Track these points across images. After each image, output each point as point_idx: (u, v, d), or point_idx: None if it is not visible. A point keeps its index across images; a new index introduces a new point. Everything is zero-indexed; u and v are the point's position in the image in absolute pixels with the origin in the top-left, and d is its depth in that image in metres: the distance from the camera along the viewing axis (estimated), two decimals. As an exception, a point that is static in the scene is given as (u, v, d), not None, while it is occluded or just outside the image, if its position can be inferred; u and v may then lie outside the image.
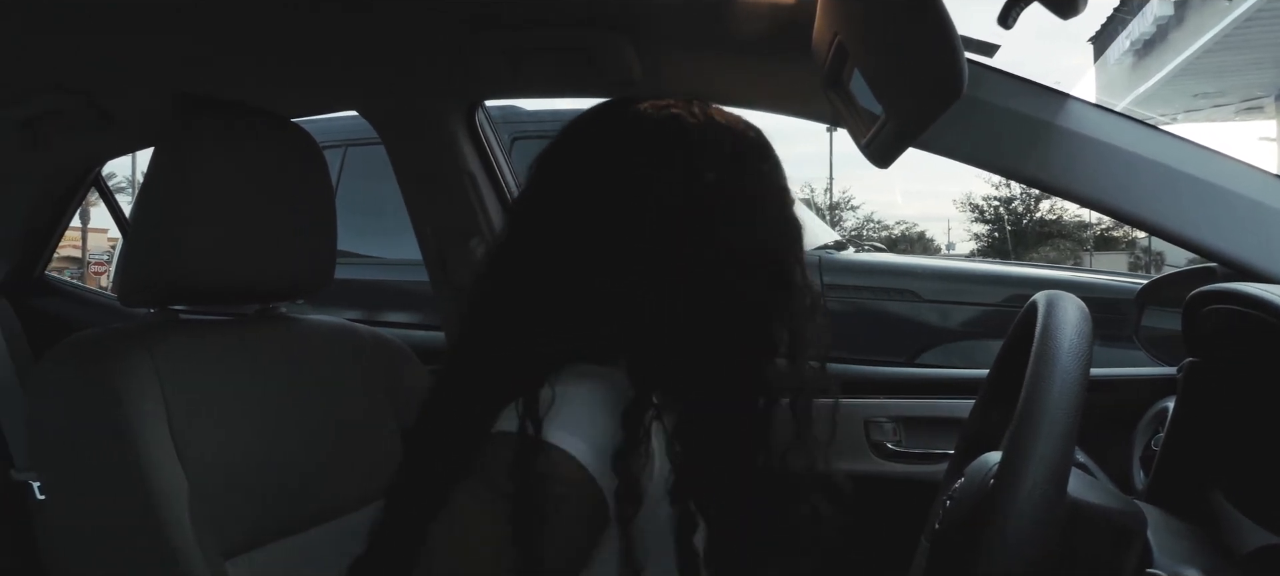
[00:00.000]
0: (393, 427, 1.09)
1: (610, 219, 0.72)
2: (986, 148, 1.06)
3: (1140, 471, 1.08)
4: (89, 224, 17.44)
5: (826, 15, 0.89)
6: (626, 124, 0.76)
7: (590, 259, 0.71)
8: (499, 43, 1.21)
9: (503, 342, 0.72)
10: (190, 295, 0.99)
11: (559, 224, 0.74)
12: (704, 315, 0.70)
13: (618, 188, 0.73)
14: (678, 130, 0.74)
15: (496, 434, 0.67)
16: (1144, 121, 1.02)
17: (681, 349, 0.70)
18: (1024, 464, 0.54)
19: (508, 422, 0.67)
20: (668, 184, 0.72)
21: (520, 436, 0.65)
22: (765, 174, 0.78)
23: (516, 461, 0.64)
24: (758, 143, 0.78)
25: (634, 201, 0.72)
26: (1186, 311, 0.83)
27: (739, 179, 0.74)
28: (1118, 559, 0.59)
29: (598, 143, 0.77)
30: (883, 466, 1.40)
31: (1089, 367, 0.58)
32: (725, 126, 0.77)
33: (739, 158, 0.75)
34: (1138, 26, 9.36)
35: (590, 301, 0.71)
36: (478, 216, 1.55)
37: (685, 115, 0.76)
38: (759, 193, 0.76)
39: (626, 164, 0.73)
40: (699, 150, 0.74)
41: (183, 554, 0.82)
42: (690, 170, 0.72)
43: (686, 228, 0.71)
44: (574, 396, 0.67)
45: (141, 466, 0.82)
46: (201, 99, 0.99)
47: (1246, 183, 0.96)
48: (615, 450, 0.66)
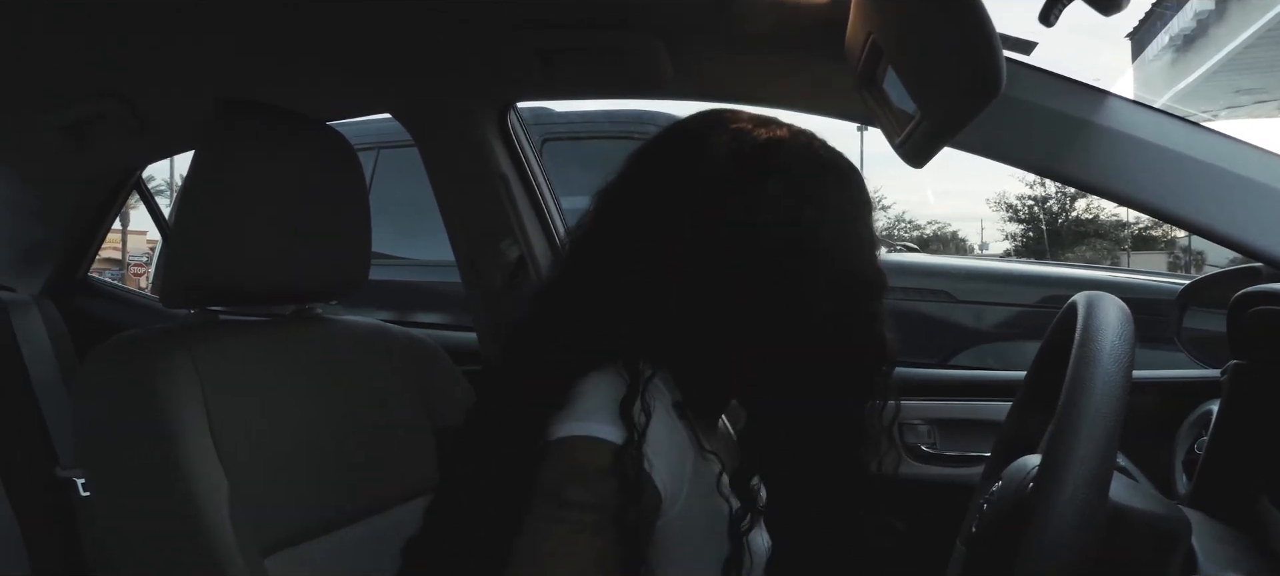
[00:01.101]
0: (426, 427, 1.11)
1: (695, 234, 0.71)
2: (1023, 146, 1.04)
3: (1183, 476, 1.06)
4: (128, 226, 17.85)
5: (860, 14, 0.89)
6: (728, 139, 0.74)
7: (669, 269, 0.71)
8: (532, 44, 1.22)
9: (565, 338, 0.72)
10: (229, 296, 1.01)
11: (643, 226, 0.73)
12: (785, 346, 0.71)
13: (707, 206, 0.71)
14: (778, 156, 0.73)
15: (563, 440, 0.66)
16: (1185, 118, 1.00)
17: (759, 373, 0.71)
18: (1065, 468, 0.53)
19: (573, 425, 0.66)
20: (761, 211, 0.71)
21: (618, 450, 0.65)
22: (860, 216, 0.77)
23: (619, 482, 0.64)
24: (855, 182, 0.77)
25: (723, 223, 0.71)
26: (1232, 312, 0.81)
27: (834, 217, 0.74)
28: (1162, 564, 0.58)
29: (695, 152, 0.74)
30: (917, 469, 1.39)
31: (1131, 371, 0.57)
32: (826, 159, 0.75)
33: (837, 195, 0.75)
34: (1178, 22, 9.16)
35: (662, 310, 0.70)
36: (509, 218, 1.56)
37: (789, 140, 0.75)
38: (851, 233, 0.75)
39: (720, 183, 0.72)
40: (797, 181, 0.73)
41: (222, 551, 0.83)
42: (786, 201, 0.71)
43: (772, 257, 0.71)
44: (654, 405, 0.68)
45: (181, 464, 0.84)
46: (241, 103, 1.01)
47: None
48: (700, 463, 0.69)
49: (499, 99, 1.53)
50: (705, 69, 1.29)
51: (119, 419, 0.87)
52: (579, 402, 0.67)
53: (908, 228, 24.86)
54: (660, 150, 0.77)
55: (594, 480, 0.64)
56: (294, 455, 0.95)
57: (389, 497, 1.03)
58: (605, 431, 0.65)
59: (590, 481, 0.64)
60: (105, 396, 0.89)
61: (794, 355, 0.70)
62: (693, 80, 1.30)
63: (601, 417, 0.66)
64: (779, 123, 0.76)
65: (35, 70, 1.28)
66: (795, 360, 0.71)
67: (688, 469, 0.70)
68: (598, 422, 0.66)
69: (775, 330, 0.70)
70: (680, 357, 0.73)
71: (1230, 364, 0.84)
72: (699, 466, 0.72)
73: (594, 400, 0.67)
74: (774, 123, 0.76)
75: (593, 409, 0.66)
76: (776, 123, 0.76)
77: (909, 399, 1.42)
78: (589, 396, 0.67)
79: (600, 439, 0.65)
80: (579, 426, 0.66)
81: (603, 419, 0.66)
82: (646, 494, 0.66)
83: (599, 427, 0.66)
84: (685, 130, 0.77)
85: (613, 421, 0.66)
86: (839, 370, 0.73)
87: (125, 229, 18.05)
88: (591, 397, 0.67)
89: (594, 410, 0.66)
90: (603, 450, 0.65)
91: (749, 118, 0.76)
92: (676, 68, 1.23)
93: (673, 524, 0.69)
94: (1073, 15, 0.88)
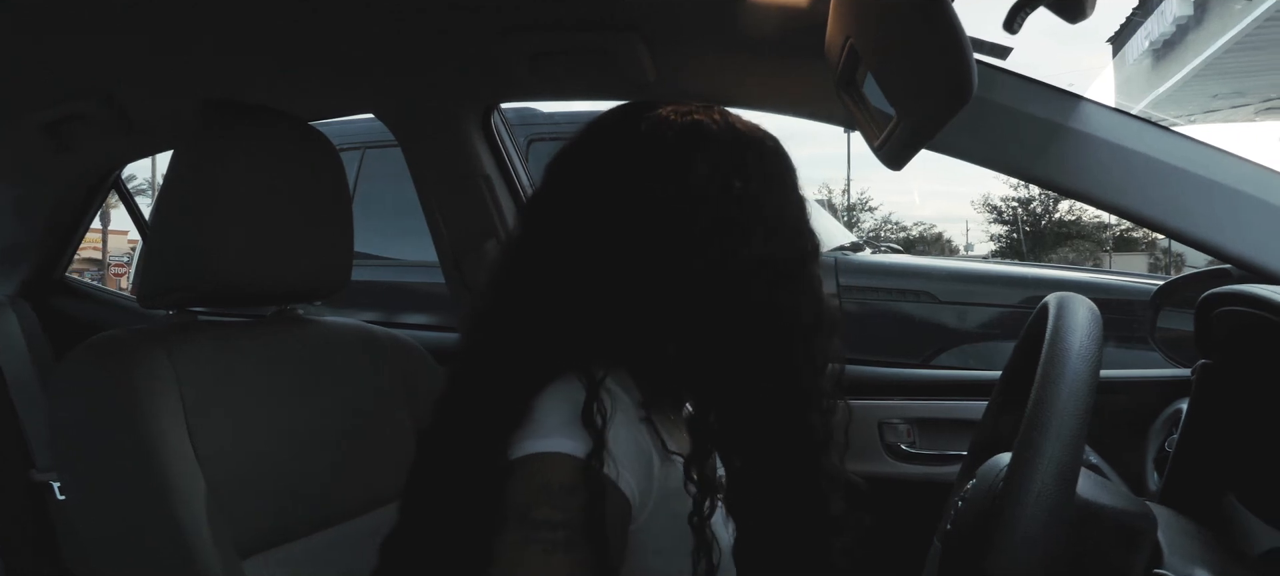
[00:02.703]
0: (409, 429, 1.11)
1: (629, 226, 0.71)
2: (999, 149, 1.05)
3: (1154, 473, 1.08)
4: (109, 226, 17.66)
5: (839, 18, 0.89)
6: (648, 128, 0.75)
7: (608, 266, 0.71)
8: (515, 46, 1.22)
9: (514, 352, 0.72)
10: (209, 297, 1.01)
11: (575, 228, 0.73)
12: (727, 322, 0.70)
13: (639, 194, 0.72)
14: (701, 136, 0.74)
15: (527, 458, 0.66)
16: (1156, 122, 1.02)
17: (706, 354, 0.70)
18: (1033, 465, 0.54)
19: (534, 442, 0.66)
20: (692, 191, 0.71)
21: (583, 464, 0.65)
22: (787, 183, 0.77)
23: (587, 499, 0.64)
24: (777, 151, 0.78)
25: (656, 208, 0.71)
26: (1198, 313, 0.83)
27: (762, 188, 0.74)
28: (1127, 559, 0.59)
29: (618, 147, 0.75)
30: (897, 467, 1.40)
31: (1098, 369, 0.58)
32: (747, 134, 0.76)
33: (761, 166, 0.75)
34: (1156, 26, 9.27)
35: (606, 308, 0.71)
36: (493, 218, 1.56)
37: (708, 121, 0.75)
38: (781, 201, 0.76)
39: (648, 170, 0.72)
40: (723, 157, 0.73)
41: (200, 553, 0.83)
42: (715, 178, 0.72)
43: (709, 235, 0.71)
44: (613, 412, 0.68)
45: (159, 466, 0.83)
46: (224, 103, 1.01)
47: (1260, 184, 0.96)
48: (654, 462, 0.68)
49: (483, 100, 1.53)
50: (689, 71, 1.29)
51: (95, 420, 0.87)
52: (538, 418, 0.67)
53: (894, 229, 25.01)
54: (582, 150, 0.77)
55: (561, 497, 0.63)
56: (274, 456, 0.94)
57: (370, 499, 1.03)
58: (567, 445, 0.65)
59: (557, 498, 0.63)
60: (82, 397, 0.88)
61: (737, 330, 0.70)
62: (676, 82, 1.30)
63: (563, 432, 0.66)
64: (696, 105, 0.77)
65: (14, 69, 1.27)
66: (738, 335, 0.70)
67: (655, 471, 0.70)
68: (559, 437, 0.65)
69: (715, 307, 0.70)
70: (633, 354, 0.73)
71: (1199, 363, 0.86)
72: (665, 466, 0.72)
73: (553, 415, 0.67)
74: (691, 106, 0.77)
75: (553, 424, 0.66)
76: (693, 106, 0.77)
77: (889, 399, 1.45)
78: (548, 411, 0.67)
79: (563, 454, 0.65)
80: (541, 443, 0.66)
81: (564, 433, 0.66)
82: (615, 503, 0.66)
83: (561, 442, 0.65)
84: (604, 126, 0.78)
85: (574, 434, 0.66)
86: (781, 340, 0.72)
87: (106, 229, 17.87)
88: (551, 412, 0.67)
89: (555, 426, 0.66)
90: (567, 465, 0.64)
91: (667, 105, 0.77)
92: (660, 70, 1.24)
93: (644, 528, 0.70)
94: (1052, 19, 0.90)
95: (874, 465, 1.40)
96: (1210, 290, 0.80)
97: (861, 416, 1.42)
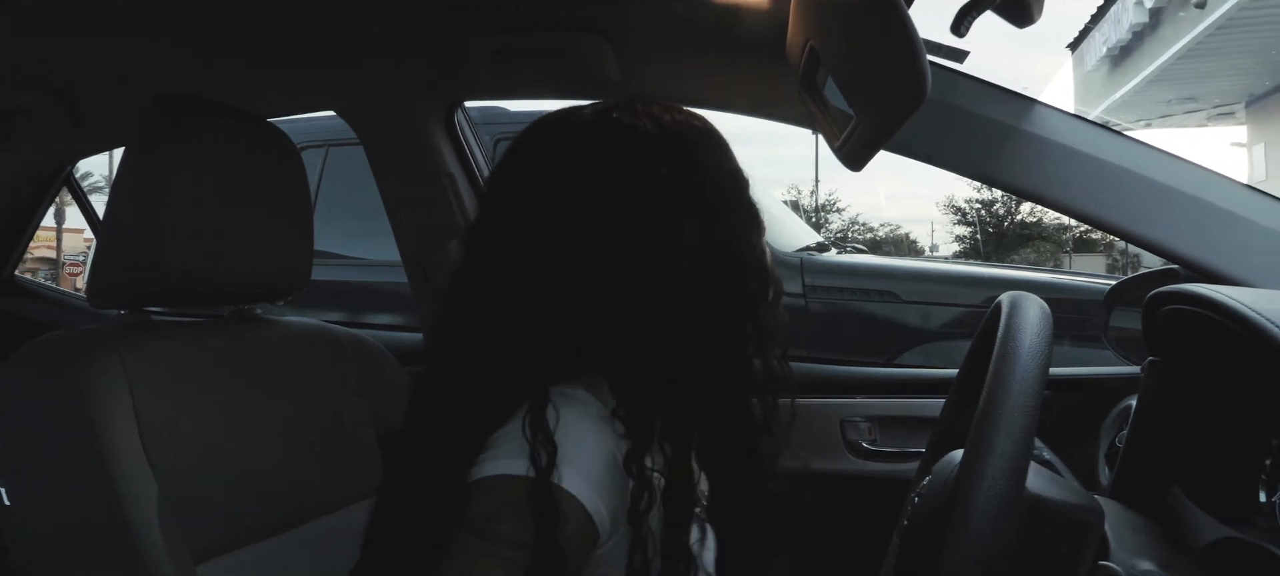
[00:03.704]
0: (370, 430, 1.09)
1: (561, 231, 0.70)
2: (958, 151, 1.07)
3: (1105, 468, 1.10)
4: (64, 224, 17.21)
5: (799, 21, 0.90)
6: (567, 133, 0.75)
7: (545, 274, 0.70)
8: (480, 45, 1.22)
9: (471, 370, 0.71)
10: (162, 296, 0.99)
11: (512, 243, 0.72)
12: (672, 315, 0.70)
13: (565, 199, 0.71)
14: (620, 133, 0.73)
15: (487, 480, 0.65)
16: (1109, 126, 1.05)
17: (653, 353, 0.69)
18: (985, 461, 0.55)
19: (497, 464, 0.66)
20: (616, 188, 0.70)
21: (533, 484, 0.64)
22: (716, 162, 0.76)
23: (535, 514, 0.63)
24: (705, 131, 0.76)
25: (585, 210, 0.70)
26: (1145, 312, 0.85)
27: (688, 172, 0.72)
28: (1075, 552, 0.60)
29: (541, 156, 0.75)
30: (859, 465, 1.42)
31: (1048, 367, 0.60)
32: (671, 122, 0.75)
33: (687, 151, 0.74)
34: (1114, 33, 9.49)
35: (561, 319, 0.70)
36: (457, 217, 1.55)
37: (625, 117, 0.74)
38: (711, 183, 0.74)
39: (571, 174, 0.72)
40: (646, 149, 0.72)
41: (151, 559, 0.81)
42: (640, 170, 0.71)
43: (641, 229, 0.70)
44: (566, 426, 0.67)
45: (109, 471, 0.81)
46: (179, 98, 0.99)
47: (1206, 187, 0.99)
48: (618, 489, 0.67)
49: (446, 98, 1.52)
50: (653, 70, 1.30)
51: (42, 423, 0.84)
52: (504, 438, 0.67)
53: (862, 230, 25.27)
54: (512, 166, 0.77)
55: (521, 516, 0.63)
56: (229, 459, 0.93)
57: (330, 502, 1.01)
58: (529, 467, 0.65)
59: (518, 517, 0.63)
60: (28, 400, 0.86)
61: (686, 318, 0.69)
62: (641, 82, 1.31)
63: (527, 453, 0.65)
64: (618, 102, 0.76)
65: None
66: (690, 323, 0.69)
67: (626, 494, 0.68)
68: (524, 458, 0.65)
69: (662, 299, 0.69)
70: (605, 362, 0.72)
71: (1147, 360, 0.88)
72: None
73: (518, 437, 0.66)
74: (612, 103, 0.75)
75: (517, 445, 0.66)
76: (614, 103, 0.75)
77: (851, 397, 1.46)
78: (513, 431, 0.67)
79: (525, 477, 0.64)
80: (505, 464, 0.65)
81: (528, 453, 0.65)
82: (580, 524, 0.65)
83: (524, 464, 0.65)
84: (523, 147, 0.77)
85: (569, 464, 0.65)
86: (728, 316, 0.71)
87: (60, 227, 17.40)
88: (516, 433, 0.66)
89: (519, 447, 0.65)
90: (529, 486, 0.64)
91: (587, 110, 0.76)
92: (624, 69, 1.24)
93: (614, 551, 0.68)
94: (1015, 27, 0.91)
95: (836, 463, 1.41)
96: (1156, 289, 0.82)
97: (824, 414, 1.43)
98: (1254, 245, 0.95)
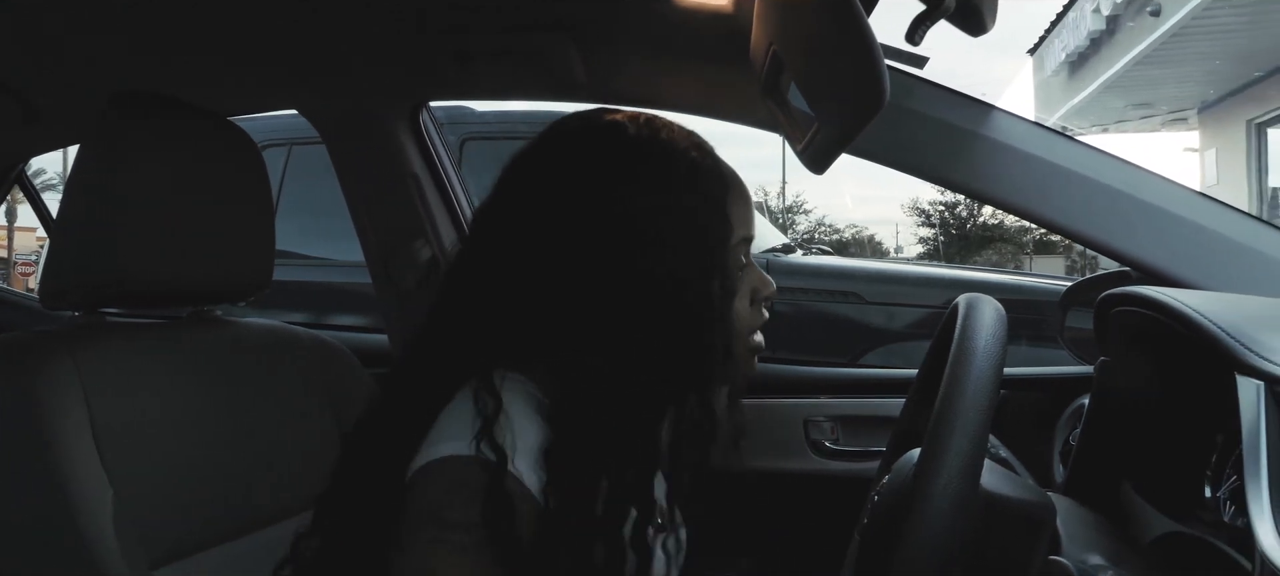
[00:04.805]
0: (332, 433, 1.08)
1: (567, 232, 0.71)
2: (917, 155, 1.09)
3: (1060, 465, 1.13)
4: (16, 222, 16.74)
5: (762, 25, 0.91)
6: (608, 137, 0.75)
7: (541, 270, 0.71)
8: (445, 45, 1.21)
9: (448, 349, 0.72)
10: (118, 297, 0.97)
11: (525, 238, 0.73)
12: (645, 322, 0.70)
13: (576, 202, 0.71)
14: (637, 148, 0.73)
15: (433, 463, 0.65)
16: (1064, 132, 1.08)
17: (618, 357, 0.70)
18: (941, 460, 0.57)
19: (441, 447, 0.66)
20: (622, 200, 0.71)
21: (486, 465, 0.64)
22: (715, 194, 0.76)
23: (488, 495, 0.63)
24: (719, 168, 0.77)
25: (592, 215, 0.71)
26: (1097, 313, 0.87)
27: (690, 197, 0.73)
28: (1028, 548, 0.62)
29: (562, 156, 0.75)
30: (822, 464, 1.43)
31: (1002, 367, 0.61)
32: (682, 146, 0.75)
33: (692, 176, 0.74)
34: (1073, 39, 9.69)
35: (540, 312, 0.71)
36: (421, 218, 1.54)
37: (641, 132, 0.75)
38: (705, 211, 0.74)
39: (582, 180, 0.72)
40: (659, 167, 0.73)
41: (105, 565, 0.79)
42: (648, 186, 0.72)
43: (639, 241, 0.70)
44: (512, 412, 0.67)
45: (62, 476, 0.80)
46: (136, 95, 0.97)
47: (1156, 192, 1.02)
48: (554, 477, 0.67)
49: (411, 98, 1.51)
50: (619, 73, 1.30)
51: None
52: (450, 422, 0.67)
53: (828, 231, 25.52)
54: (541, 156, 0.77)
55: (471, 500, 0.63)
56: (187, 463, 0.91)
57: (291, 505, 1.00)
58: (476, 449, 0.65)
59: (468, 501, 0.63)
60: None
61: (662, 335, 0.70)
62: (607, 84, 1.31)
63: (474, 437, 0.65)
64: (630, 117, 0.76)
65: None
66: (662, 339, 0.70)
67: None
68: (471, 442, 0.65)
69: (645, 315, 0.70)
70: (559, 359, 0.71)
71: (1099, 360, 0.91)
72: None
73: (465, 420, 0.66)
74: (623, 117, 0.76)
75: (462, 429, 0.66)
76: (626, 116, 0.76)
77: (815, 397, 1.48)
78: (458, 415, 0.67)
79: (473, 458, 0.64)
80: (452, 446, 0.65)
81: (476, 437, 0.65)
82: (528, 510, 0.65)
83: (472, 446, 0.65)
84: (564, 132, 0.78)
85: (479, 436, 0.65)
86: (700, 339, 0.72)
87: (12, 226, 16.91)
88: (460, 416, 0.67)
89: (465, 430, 0.66)
90: (476, 469, 0.64)
91: (601, 117, 0.77)
92: (590, 72, 1.24)
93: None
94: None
95: (799, 462, 1.43)
96: (1107, 291, 0.85)
97: (788, 415, 1.45)
98: (1204, 249, 0.99)
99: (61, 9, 1.06)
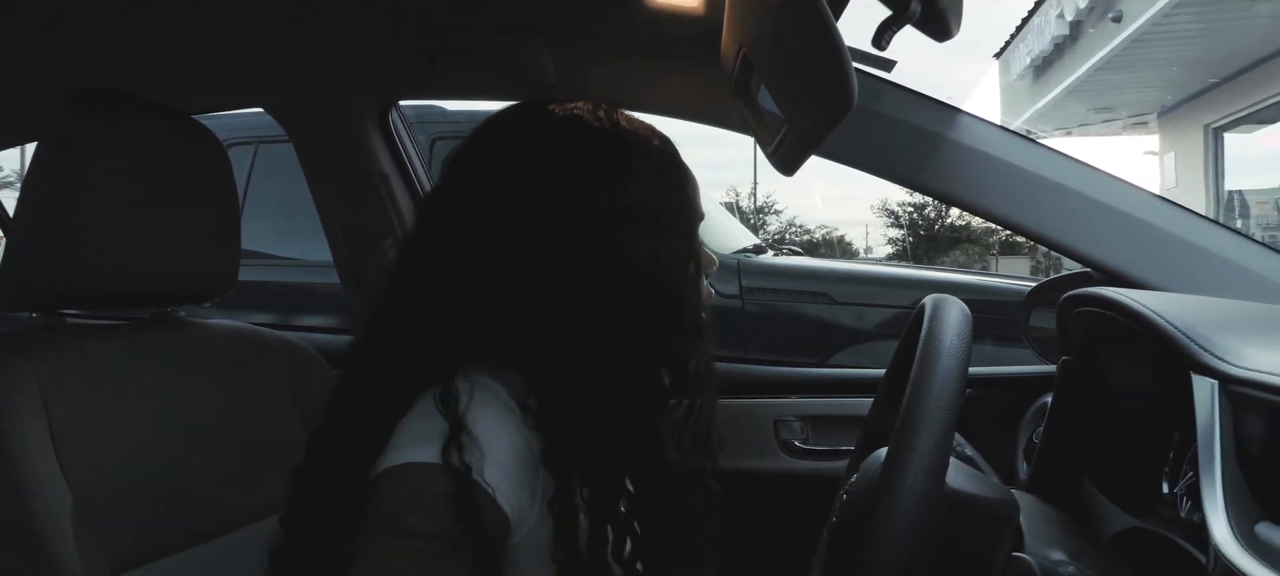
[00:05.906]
0: (298, 435, 1.06)
1: (521, 223, 0.70)
2: (884, 157, 1.11)
3: (1024, 462, 1.15)
4: (-30, 222, 16.28)
5: (732, 27, 0.92)
6: (543, 129, 0.74)
7: (495, 263, 0.70)
8: (415, 44, 1.20)
9: (386, 359, 0.71)
10: (78, 298, 0.94)
11: (467, 227, 0.72)
12: (609, 324, 0.70)
13: (529, 194, 0.71)
14: (591, 138, 0.73)
15: (392, 470, 0.64)
16: (1026, 135, 1.10)
17: (584, 355, 0.69)
18: (907, 458, 0.57)
19: (402, 453, 0.65)
20: (579, 191, 0.71)
21: (450, 472, 0.63)
22: (684, 183, 0.77)
23: (451, 503, 0.62)
24: (671, 154, 0.78)
25: (547, 206, 0.70)
26: (1059, 313, 0.89)
27: (650, 188, 0.74)
28: (992, 544, 0.63)
29: (513, 147, 0.74)
30: (791, 463, 1.45)
31: (967, 366, 0.62)
32: (639, 136, 0.75)
33: (651, 166, 0.75)
34: (1037, 44, 9.85)
35: (496, 308, 0.70)
36: (391, 218, 1.52)
37: (595, 122, 0.74)
38: (667, 200, 0.75)
39: (536, 171, 0.72)
40: (614, 157, 0.73)
41: (64, 570, 0.77)
42: (612, 181, 0.71)
43: (598, 235, 0.70)
44: (474, 415, 0.66)
45: (19, 481, 0.78)
46: (95, 92, 0.95)
47: (1118, 195, 1.04)
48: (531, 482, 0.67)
49: (379, 97, 1.49)
50: (589, 73, 1.30)
51: None
52: (409, 427, 0.66)
53: (799, 232, 25.69)
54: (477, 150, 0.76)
55: (431, 506, 0.62)
56: (149, 467, 0.89)
57: (257, 509, 0.98)
58: (436, 454, 0.64)
59: (427, 507, 0.62)
60: None
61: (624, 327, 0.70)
62: (578, 84, 1.31)
63: (433, 442, 0.64)
64: (587, 107, 0.76)
65: None
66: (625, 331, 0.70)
67: (538, 480, 0.68)
68: (430, 447, 0.64)
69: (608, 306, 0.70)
70: (522, 356, 0.71)
71: (1061, 360, 0.92)
72: (548, 479, 0.69)
73: (424, 425, 0.65)
74: (580, 108, 0.75)
75: (421, 433, 0.65)
76: (582, 107, 0.76)
77: (785, 397, 1.49)
78: (418, 420, 0.66)
79: (432, 464, 0.63)
80: (411, 453, 0.64)
81: (435, 442, 0.64)
82: (491, 515, 0.64)
83: (431, 452, 0.64)
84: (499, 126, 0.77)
85: (443, 443, 0.64)
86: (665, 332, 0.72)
87: (-34, 224, 16.44)
88: (420, 421, 0.66)
89: (424, 435, 0.65)
90: (435, 475, 0.63)
91: (557, 108, 0.76)
92: (560, 72, 1.24)
93: (526, 541, 0.68)
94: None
95: (769, 462, 1.44)
96: (1069, 292, 0.87)
97: (758, 414, 1.46)
98: (1162, 250, 1.01)
99: (16, 3, 1.03)
